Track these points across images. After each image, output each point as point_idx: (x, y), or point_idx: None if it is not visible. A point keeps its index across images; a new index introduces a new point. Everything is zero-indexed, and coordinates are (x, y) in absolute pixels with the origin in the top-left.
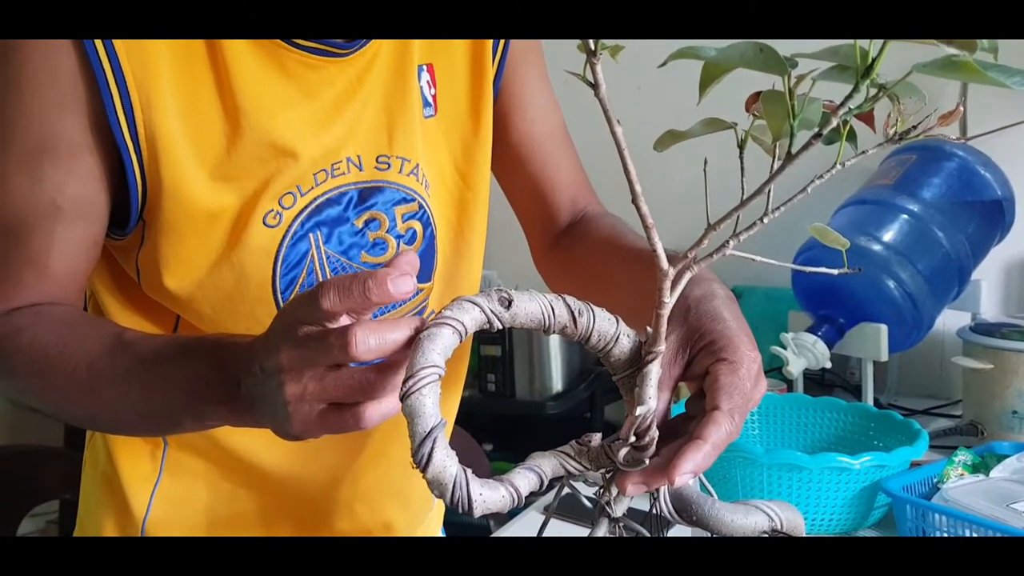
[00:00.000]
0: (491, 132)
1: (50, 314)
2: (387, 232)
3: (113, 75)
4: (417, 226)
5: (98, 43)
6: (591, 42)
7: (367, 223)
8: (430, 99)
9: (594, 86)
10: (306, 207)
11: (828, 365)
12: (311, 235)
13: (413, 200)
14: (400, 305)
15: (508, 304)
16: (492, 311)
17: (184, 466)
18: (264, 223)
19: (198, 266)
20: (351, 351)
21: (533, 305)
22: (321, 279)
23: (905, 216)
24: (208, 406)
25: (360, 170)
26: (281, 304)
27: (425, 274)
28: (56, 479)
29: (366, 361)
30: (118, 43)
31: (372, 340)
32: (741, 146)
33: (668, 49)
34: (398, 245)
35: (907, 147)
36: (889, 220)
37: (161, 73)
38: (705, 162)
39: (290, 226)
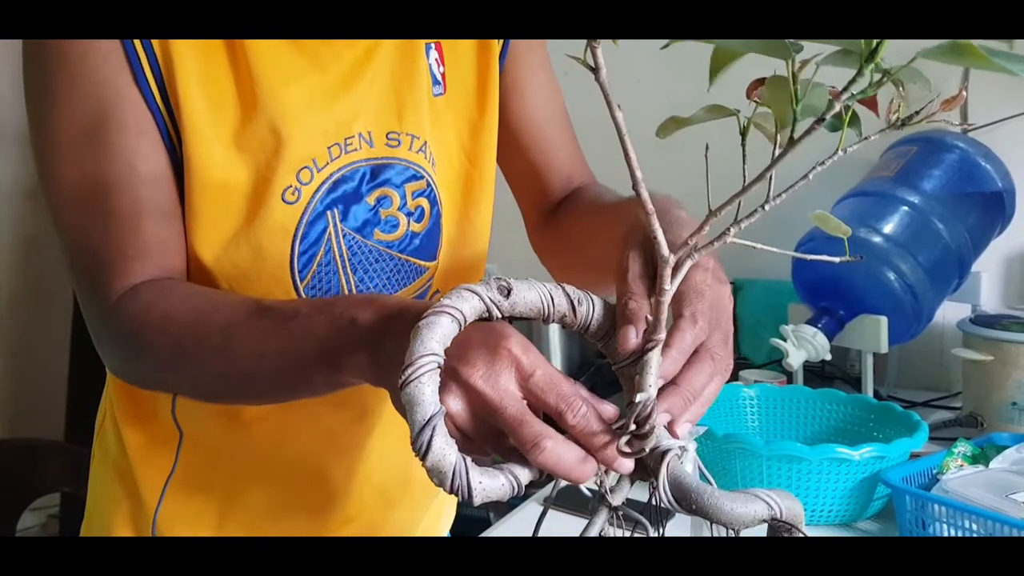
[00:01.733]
0: (497, 113)
1: (177, 287)
2: (398, 210)
3: (140, 41)
4: (425, 204)
5: None
6: None
7: (379, 200)
8: (439, 77)
9: (594, 70)
10: (323, 183)
11: (828, 357)
12: (328, 212)
13: (422, 177)
14: (406, 285)
15: (507, 293)
16: (491, 299)
17: (199, 458)
18: (283, 199)
19: (213, 241)
20: (531, 454)
21: (532, 294)
22: (338, 257)
23: (905, 208)
24: (348, 352)
25: (371, 146)
26: (298, 282)
27: (430, 253)
28: (56, 473)
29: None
30: None
31: (552, 458)
32: (743, 133)
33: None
34: (408, 223)
35: (908, 139)
36: (890, 212)
37: (179, 41)
38: (707, 148)
39: (309, 202)
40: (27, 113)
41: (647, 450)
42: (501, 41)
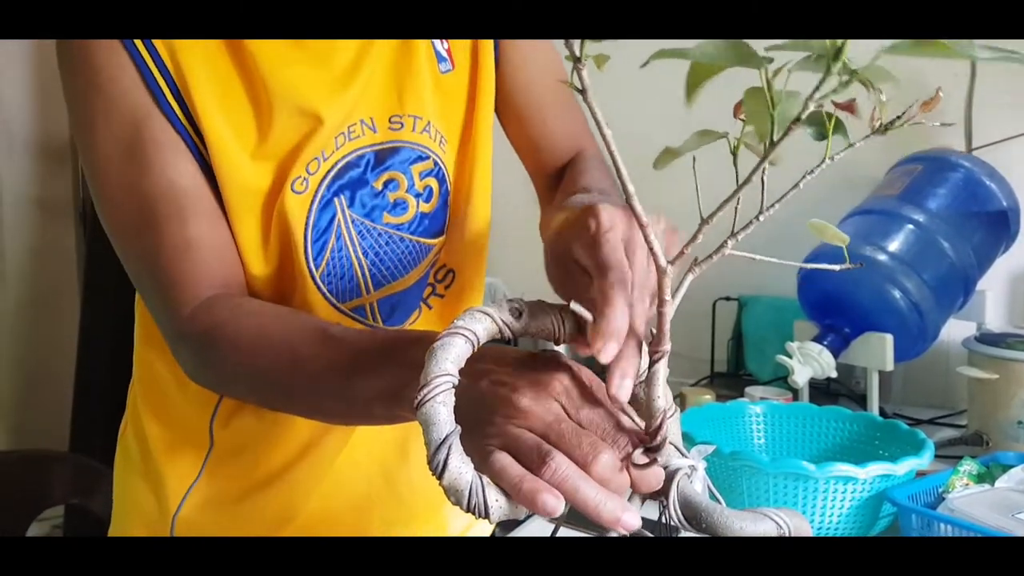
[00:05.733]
0: (492, 80)
1: (247, 306)
2: (407, 192)
3: (153, 62)
4: (433, 183)
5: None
6: (576, 49)
7: (386, 184)
8: (444, 53)
9: (582, 91)
10: (329, 171)
11: (833, 374)
12: (336, 199)
13: (428, 157)
14: (416, 265)
15: (519, 315)
16: (504, 321)
17: (224, 469)
18: (293, 189)
19: (252, 242)
20: (594, 463)
21: (543, 315)
22: (349, 243)
23: (911, 226)
24: (408, 390)
25: (374, 132)
26: (314, 270)
27: (439, 229)
28: (62, 484)
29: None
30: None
31: (609, 468)
32: (734, 152)
33: (649, 45)
34: (417, 204)
35: (913, 157)
36: (895, 230)
37: (194, 55)
38: (694, 159)
39: (316, 191)
40: (74, 140)
41: (660, 462)
42: None
